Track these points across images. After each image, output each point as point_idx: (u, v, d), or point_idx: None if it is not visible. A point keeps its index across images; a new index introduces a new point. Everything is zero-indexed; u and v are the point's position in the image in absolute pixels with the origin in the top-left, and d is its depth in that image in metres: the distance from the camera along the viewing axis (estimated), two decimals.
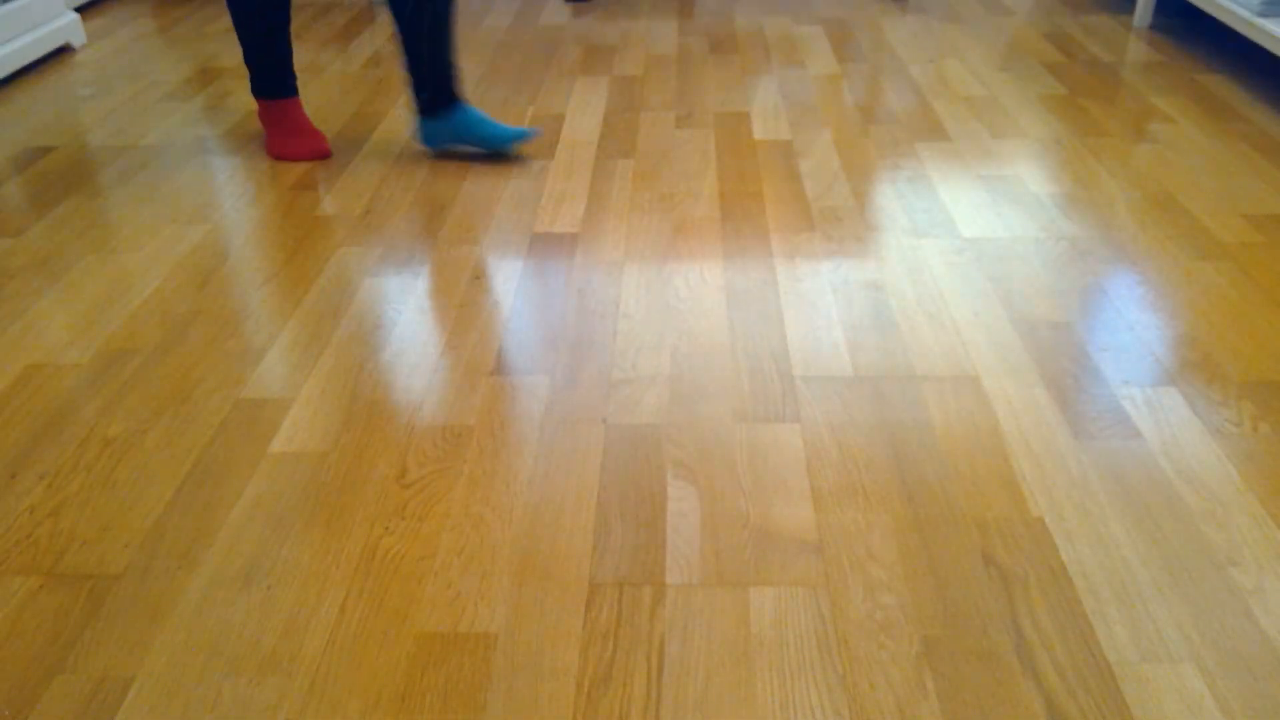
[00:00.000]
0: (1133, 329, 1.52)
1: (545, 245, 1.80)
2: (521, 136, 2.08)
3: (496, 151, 2.12)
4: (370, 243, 1.81)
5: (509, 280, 1.69)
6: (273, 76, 2.09)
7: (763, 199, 1.93)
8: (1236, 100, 2.34)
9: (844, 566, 1.12)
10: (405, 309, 1.62)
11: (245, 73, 2.67)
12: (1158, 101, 2.34)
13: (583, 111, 2.36)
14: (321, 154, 2.14)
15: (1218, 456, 1.27)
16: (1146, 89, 2.41)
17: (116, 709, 0.98)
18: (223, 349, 1.53)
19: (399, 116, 2.35)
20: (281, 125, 2.14)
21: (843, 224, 1.84)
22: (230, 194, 2.00)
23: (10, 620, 1.08)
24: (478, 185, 2.01)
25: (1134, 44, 2.72)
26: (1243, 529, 1.16)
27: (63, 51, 2.83)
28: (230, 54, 2.80)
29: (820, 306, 1.60)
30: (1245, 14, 2.34)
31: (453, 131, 2.07)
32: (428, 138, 2.10)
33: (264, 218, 1.91)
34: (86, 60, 2.77)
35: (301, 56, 2.77)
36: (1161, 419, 1.34)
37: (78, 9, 3.19)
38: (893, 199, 1.93)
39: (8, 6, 2.55)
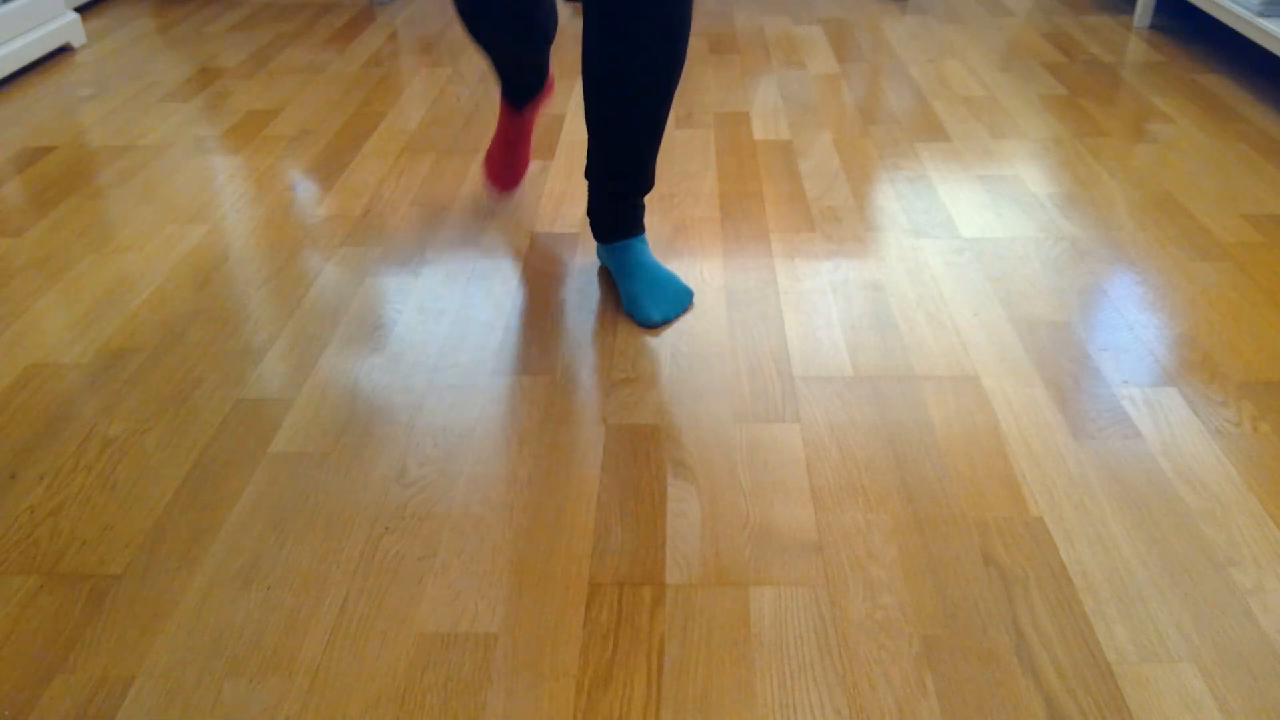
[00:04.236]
0: (1132, 329, 1.52)
1: (545, 245, 1.80)
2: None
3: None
4: (370, 243, 1.81)
5: (509, 280, 1.69)
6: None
7: (763, 199, 1.93)
8: (1236, 100, 2.34)
9: (844, 566, 1.12)
10: (405, 309, 1.62)
11: (245, 72, 2.67)
12: (1157, 101, 2.34)
13: (583, 112, 2.36)
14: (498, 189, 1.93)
15: (1217, 456, 1.27)
16: (1146, 89, 2.41)
17: (116, 709, 0.98)
18: (223, 349, 1.53)
19: (399, 116, 2.35)
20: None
21: (843, 224, 1.84)
22: (230, 194, 2.00)
23: (10, 620, 1.08)
24: (477, 186, 2.01)
25: (1134, 44, 2.72)
26: (1242, 529, 1.16)
27: (63, 51, 2.83)
28: (230, 54, 2.80)
29: (820, 306, 1.60)
30: (1245, 14, 2.34)
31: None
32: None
33: (264, 217, 1.91)
34: (86, 60, 2.77)
35: (301, 56, 2.77)
36: (1161, 419, 1.34)
37: (78, 9, 3.19)
38: (892, 199, 1.93)
39: (8, 6, 2.55)
